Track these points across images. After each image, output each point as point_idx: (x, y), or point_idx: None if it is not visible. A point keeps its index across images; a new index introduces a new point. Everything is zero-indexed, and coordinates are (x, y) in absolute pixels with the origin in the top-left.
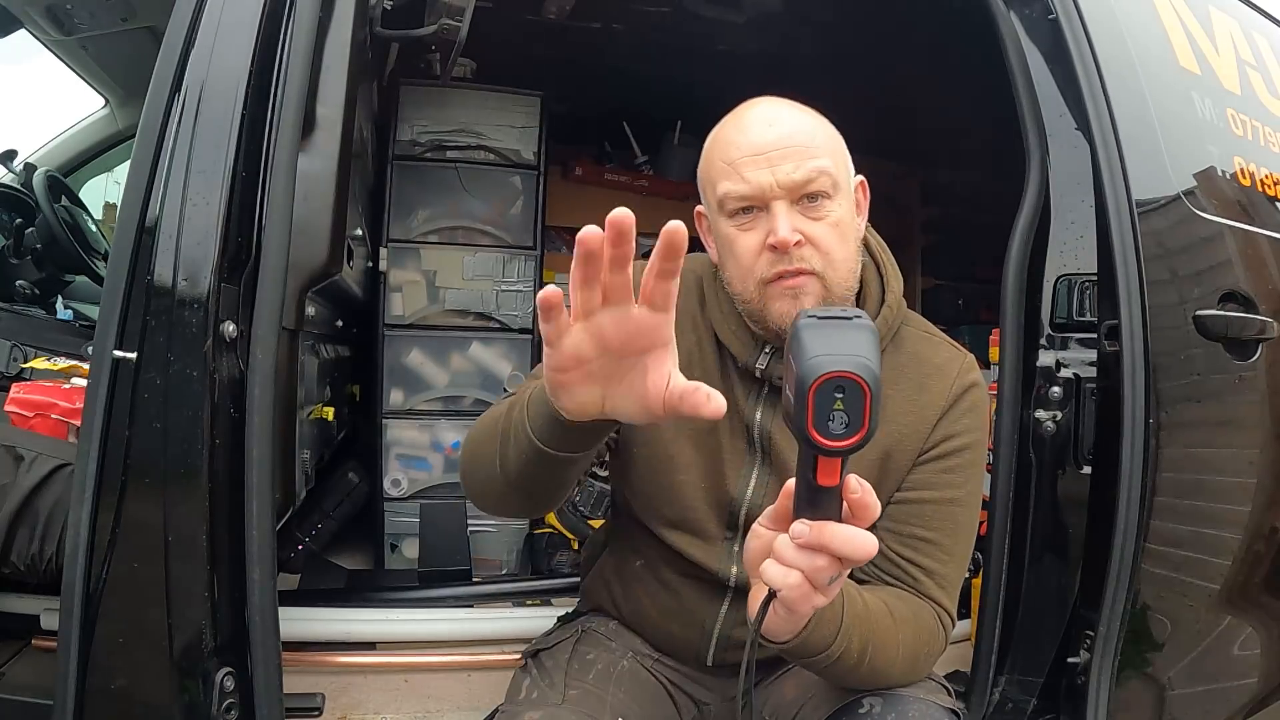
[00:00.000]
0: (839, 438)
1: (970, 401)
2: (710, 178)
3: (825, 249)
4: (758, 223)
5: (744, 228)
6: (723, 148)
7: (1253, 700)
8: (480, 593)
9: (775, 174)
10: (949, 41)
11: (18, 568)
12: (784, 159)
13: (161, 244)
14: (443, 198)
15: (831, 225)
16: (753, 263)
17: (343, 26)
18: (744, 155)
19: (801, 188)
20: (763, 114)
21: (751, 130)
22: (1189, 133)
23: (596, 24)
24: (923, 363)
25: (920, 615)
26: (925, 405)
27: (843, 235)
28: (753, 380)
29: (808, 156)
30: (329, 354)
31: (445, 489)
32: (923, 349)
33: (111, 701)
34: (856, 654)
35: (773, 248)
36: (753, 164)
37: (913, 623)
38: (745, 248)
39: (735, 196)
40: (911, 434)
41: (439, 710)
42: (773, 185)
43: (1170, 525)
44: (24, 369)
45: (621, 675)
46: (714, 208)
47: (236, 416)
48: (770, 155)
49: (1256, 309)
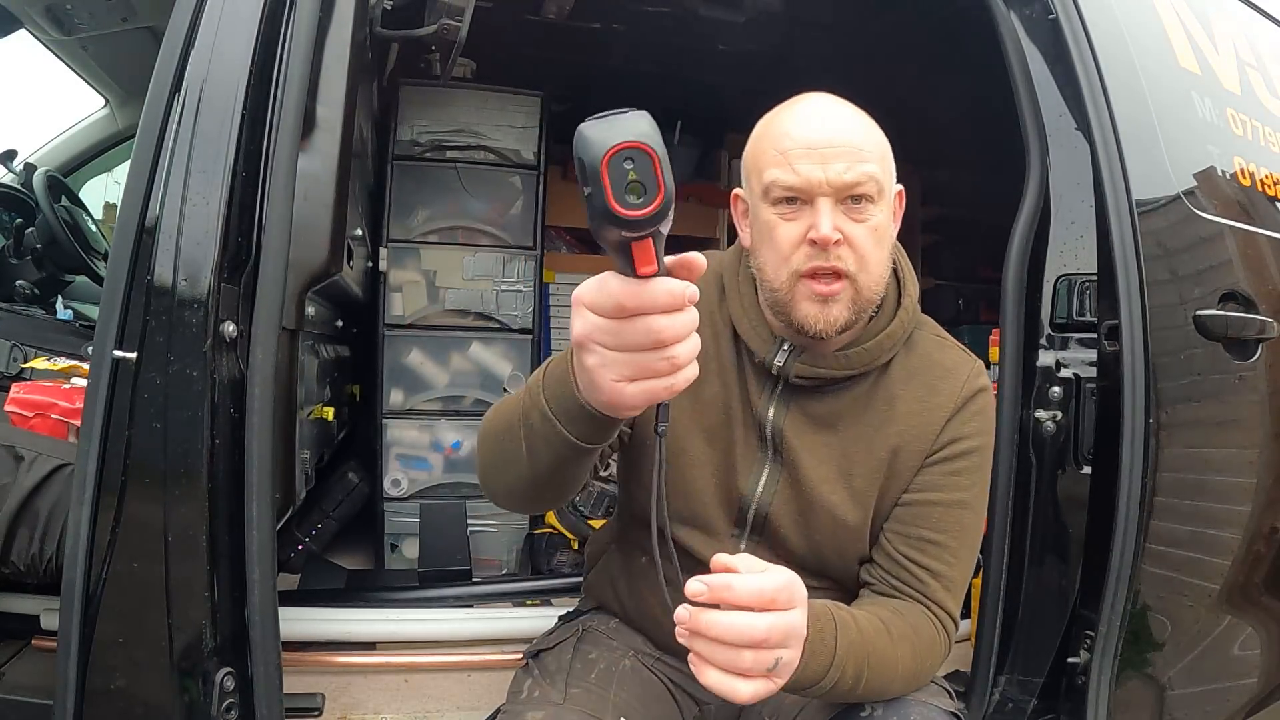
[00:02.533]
0: (639, 206)
1: (979, 405)
2: (758, 163)
3: (862, 252)
4: (800, 214)
5: (786, 217)
6: (776, 136)
7: (1253, 700)
8: (480, 593)
9: (826, 171)
10: (949, 42)
11: (18, 568)
12: (836, 157)
13: (161, 244)
14: (443, 198)
15: (871, 229)
16: (790, 253)
17: (343, 26)
18: (797, 147)
19: (849, 189)
20: (820, 109)
21: (808, 124)
22: (1189, 133)
23: (596, 24)
24: (934, 365)
25: (920, 628)
26: (935, 407)
27: (879, 240)
28: (768, 377)
29: (859, 159)
30: (329, 354)
31: (445, 489)
32: (934, 352)
33: (111, 701)
34: (851, 680)
35: (813, 242)
36: (805, 157)
37: (911, 638)
38: (785, 237)
39: (783, 186)
40: (920, 434)
41: (439, 710)
42: (822, 182)
43: (1170, 525)
44: (24, 369)
45: (624, 674)
46: (757, 193)
47: (236, 416)
48: (824, 152)
49: (1256, 309)
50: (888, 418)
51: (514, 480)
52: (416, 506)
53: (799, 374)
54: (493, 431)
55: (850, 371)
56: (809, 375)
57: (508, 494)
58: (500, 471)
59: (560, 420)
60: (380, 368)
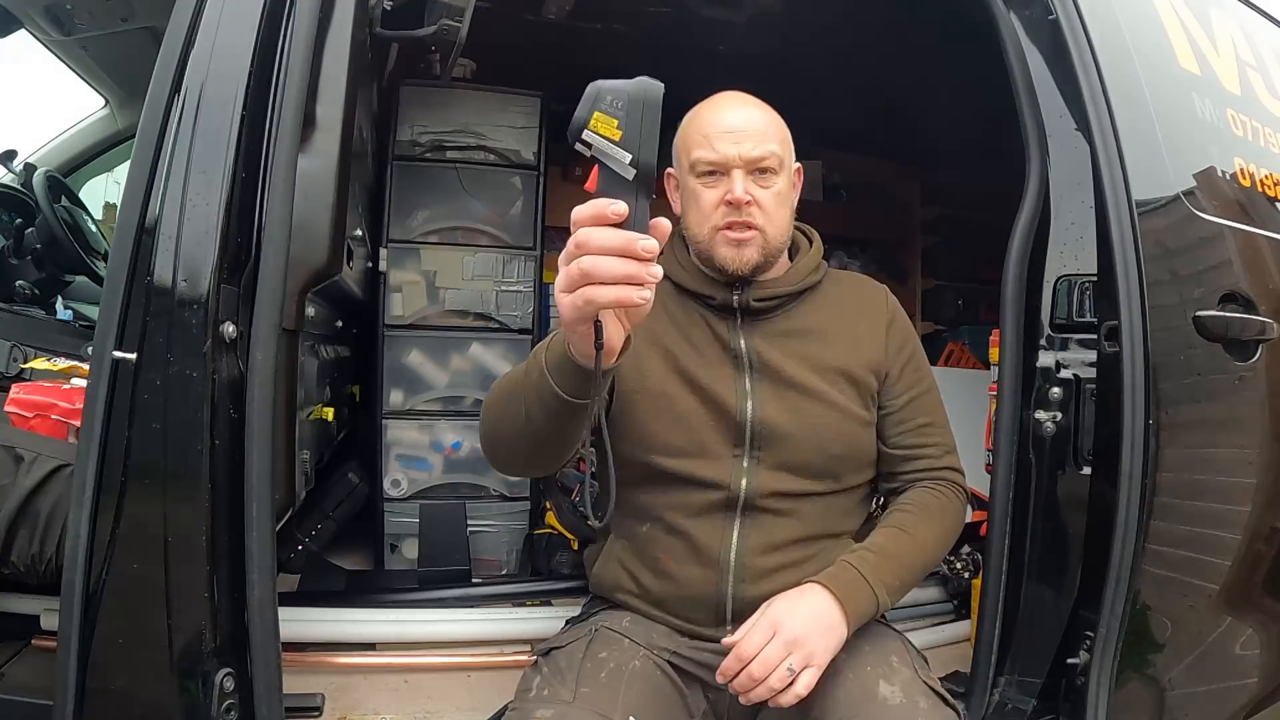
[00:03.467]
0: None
1: (902, 317)
2: (686, 145)
3: (768, 210)
4: (719, 184)
5: (708, 185)
6: (700, 123)
7: (1253, 700)
8: (480, 593)
9: (739, 149)
10: (949, 41)
11: (18, 568)
12: (746, 139)
13: (161, 244)
14: (443, 198)
15: (774, 194)
16: (711, 213)
17: (343, 26)
18: (717, 131)
19: (756, 163)
20: (734, 102)
21: (725, 114)
22: (1189, 133)
23: (596, 24)
24: (855, 295)
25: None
26: (873, 329)
27: (780, 202)
28: (727, 311)
29: (763, 140)
30: (329, 354)
31: (445, 489)
32: (850, 286)
33: (111, 701)
34: (899, 583)
35: (729, 203)
36: (723, 139)
37: (931, 515)
38: (707, 200)
39: (706, 162)
40: (869, 352)
41: (439, 710)
42: (735, 157)
43: (1170, 525)
44: (24, 369)
45: (634, 675)
46: (685, 168)
47: (236, 417)
48: (736, 134)
49: (1256, 309)
50: (835, 318)
51: (513, 437)
52: (416, 507)
53: (756, 297)
54: (498, 396)
55: (792, 287)
56: (765, 295)
57: (509, 453)
58: (501, 430)
59: (552, 374)
60: (380, 368)
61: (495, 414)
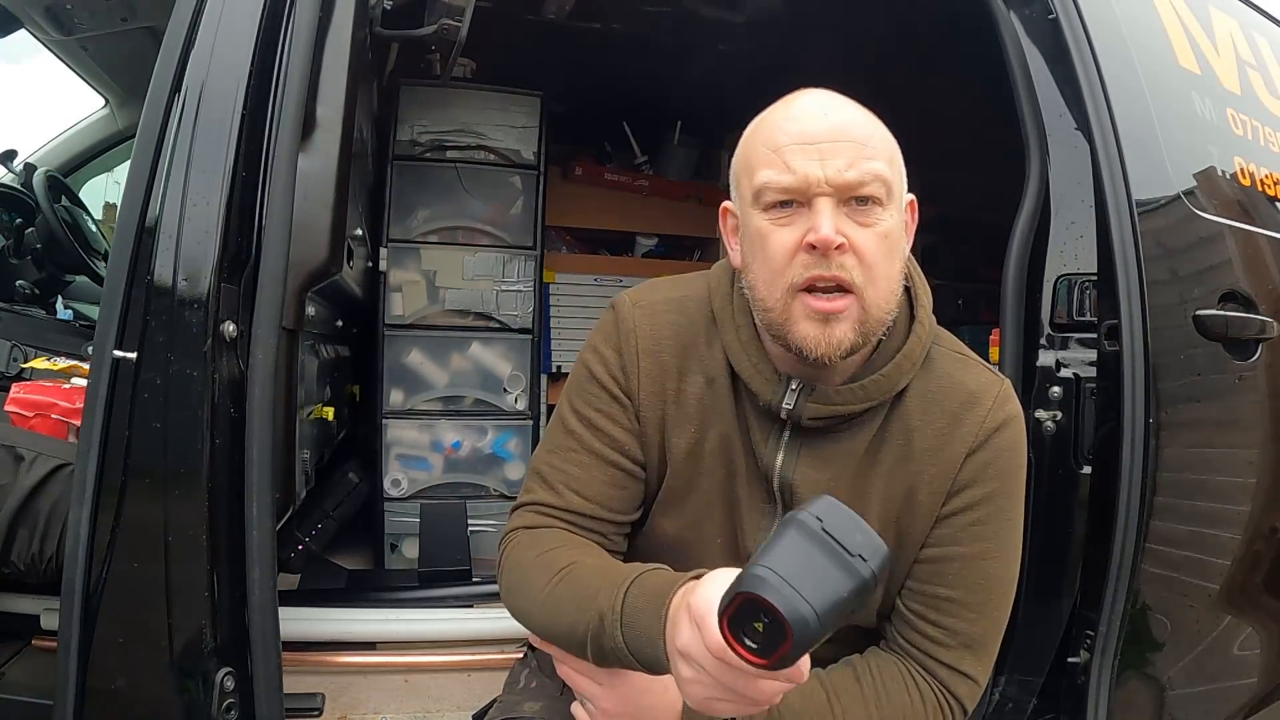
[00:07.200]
0: (746, 649)
1: (1006, 440)
2: (749, 165)
3: (869, 261)
4: (797, 219)
5: (780, 222)
6: (768, 133)
7: (1253, 700)
8: (480, 592)
9: (825, 168)
10: (949, 41)
11: (18, 568)
12: (836, 153)
13: (161, 244)
14: (443, 198)
15: (880, 236)
16: (784, 264)
17: (343, 26)
18: (792, 143)
19: (852, 189)
20: (818, 102)
21: (804, 118)
22: (1189, 133)
23: (596, 24)
24: (955, 388)
25: (892, 692)
26: (956, 440)
27: (890, 250)
28: (774, 420)
29: (863, 156)
30: (329, 354)
31: (445, 489)
32: (956, 372)
33: (111, 701)
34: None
35: (811, 247)
36: (801, 153)
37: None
38: (779, 245)
39: (776, 187)
40: (940, 471)
41: (439, 710)
42: (820, 180)
43: (1170, 525)
44: (24, 369)
45: None
46: (748, 199)
47: (236, 416)
48: (822, 147)
49: (1256, 309)
50: (904, 454)
51: (547, 634)
52: (416, 506)
53: (812, 415)
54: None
55: (867, 404)
56: (823, 416)
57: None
58: (533, 625)
59: (636, 659)
60: (380, 368)
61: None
